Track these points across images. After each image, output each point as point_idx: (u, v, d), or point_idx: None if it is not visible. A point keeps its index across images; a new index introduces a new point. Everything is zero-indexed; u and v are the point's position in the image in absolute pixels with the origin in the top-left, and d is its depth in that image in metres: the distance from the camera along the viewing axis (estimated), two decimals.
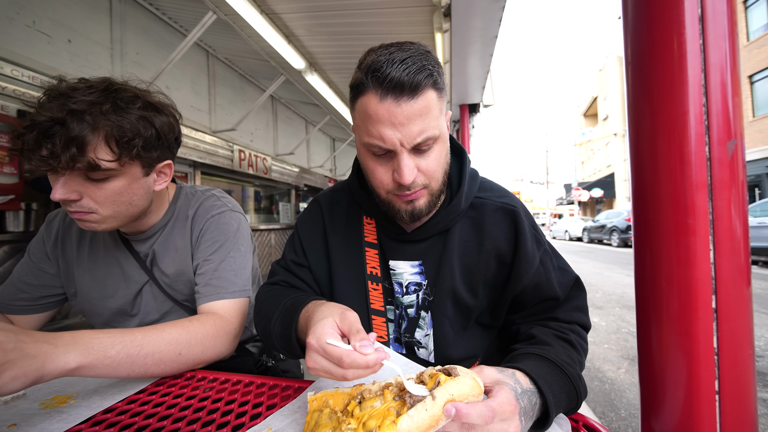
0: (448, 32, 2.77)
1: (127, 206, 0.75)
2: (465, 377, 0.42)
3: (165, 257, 0.87)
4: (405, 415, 0.38)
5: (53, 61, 2.67)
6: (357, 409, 0.43)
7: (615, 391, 2.23)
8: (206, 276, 0.82)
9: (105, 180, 0.70)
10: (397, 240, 0.74)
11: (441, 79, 0.59)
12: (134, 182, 0.75)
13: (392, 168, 0.59)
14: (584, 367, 0.64)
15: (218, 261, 0.84)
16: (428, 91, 0.55)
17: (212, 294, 0.80)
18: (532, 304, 0.71)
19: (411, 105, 0.54)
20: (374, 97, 0.55)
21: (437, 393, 0.40)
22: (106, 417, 0.55)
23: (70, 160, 0.63)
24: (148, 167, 0.77)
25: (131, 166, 0.73)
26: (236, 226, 0.89)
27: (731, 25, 0.49)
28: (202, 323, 0.73)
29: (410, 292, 0.74)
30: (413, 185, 0.60)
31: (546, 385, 0.49)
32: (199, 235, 0.87)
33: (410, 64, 0.54)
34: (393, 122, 0.55)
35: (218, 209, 0.89)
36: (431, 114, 0.56)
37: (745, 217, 0.50)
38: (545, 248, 0.71)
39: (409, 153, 0.58)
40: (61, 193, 0.67)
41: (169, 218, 0.89)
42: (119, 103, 0.69)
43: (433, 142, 0.59)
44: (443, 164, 0.64)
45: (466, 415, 0.38)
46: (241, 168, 4.69)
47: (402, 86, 0.53)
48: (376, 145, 0.58)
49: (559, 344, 0.62)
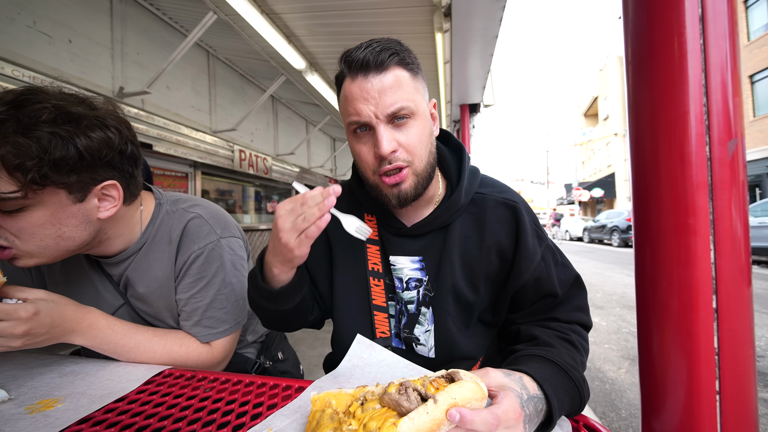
0: (449, 32, 2.77)
1: (55, 240, 0.64)
2: (468, 381, 0.42)
3: (140, 284, 0.80)
4: (406, 418, 0.38)
5: (54, 62, 2.67)
6: (359, 411, 0.43)
7: (615, 391, 2.23)
8: (196, 315, 0.80)
9: (19, 211, 0.60)
10: (397, 235, 0.75)
11: (412, 62, 0.64)
12: (60, 211, 0.63)
13: (373, 144, 0.63)
14: (586, 367, 0.64)
15: (207, 300, 0.80)
16: (396, 68, 0.61)
17: (204, 335, 0.81)
18: (532, 301, 0.71)
19: (380, 79, 0.60)
20: (348, 80, 0.62)
21: (439, 397, 0.39)
22: (106, 417, 0.55)
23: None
24: (79, 192, 0.64)
25: (48, 194, 0.61)
26: (227, 255, 0.83)
27: (732, 24, 0.48)
28: (188, 351, 0.78)
29: (410, 288, 0.74)
30: (394, 158, 0.62)
31: (551, 389, 0.49)
32: (184, 266, 0.80)
33: (375, 47, 0.61)
34: (365, 96, 0.60)
35: (207, 239, 0.80)
36: (403, 88, 0.61)
37: (746, 217, 0.49)
38: (547, 244, 0.71)
39: (386, 125, 0.61)
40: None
41: (144, 241, 0.80)
42: (24, 120, 0.57)
43: (409, 116, 0.62)
44: (426, 143, 0.66)
45: (471, 421, 0.38)
46: (242, 168, 4.69)
47: (368, 63, 0.60)
48: (354, 122, 0.62)
49: (562, 345, 0.62)
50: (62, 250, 0.67)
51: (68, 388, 0.63)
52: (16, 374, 0.68)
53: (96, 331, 0.69)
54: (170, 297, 0.81)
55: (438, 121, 0.72)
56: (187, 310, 0.80)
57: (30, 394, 0.60)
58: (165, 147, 3.48)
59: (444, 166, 0.76)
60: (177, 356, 0.76)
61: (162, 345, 0.76)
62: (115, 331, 0.71)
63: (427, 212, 0.74)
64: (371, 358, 0.67)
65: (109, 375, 0.68)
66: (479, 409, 0.41)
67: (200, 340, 0.81)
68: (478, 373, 0.48)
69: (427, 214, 0.74)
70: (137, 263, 0.80)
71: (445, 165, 0.76)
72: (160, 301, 0.81)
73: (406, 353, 0.74)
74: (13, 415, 0.54)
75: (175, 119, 3.70)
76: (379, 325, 0.74)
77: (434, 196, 0.74)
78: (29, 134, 0.57)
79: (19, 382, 0.64)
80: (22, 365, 0.72)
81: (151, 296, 0.81)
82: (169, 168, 3.85)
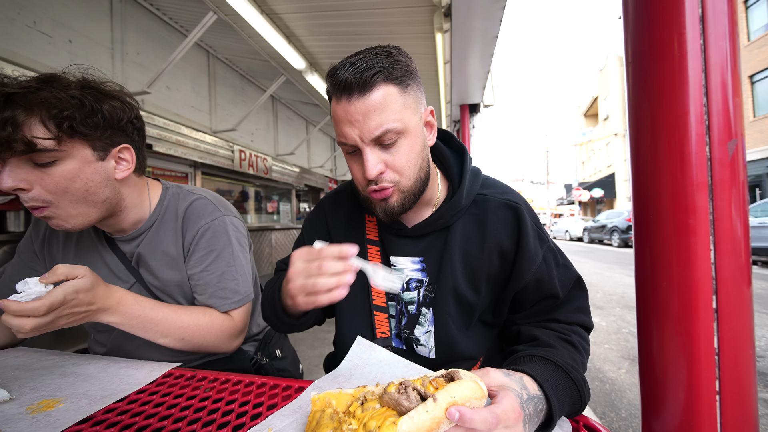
0: (449, 32, 2.77)
1: (84, 194, 0.71)
2: (467, 381, 0.42)
3: (152, 260, 0.85)
4: (405, 416, 0.38)
5: (54, 62, 2.67)
6: (359, 410, 0.42)
7: (615, 391, 2.23)
8: (209, 288, 0.84)
9: (51, 164, 0.67)
10: (398, 236, 0.75)
11: (402, 75, 0.60)
12: (86, 166, 0.71)
13: (362, 164, 0.62)
14: (587, 368, 0.64)
15: (218, 273, 0.85)
16: (381, 86, 0.58)
17: (222, 305, 0.85)
18: (533, 302, 0.71)
19: (363, 101, 0.57)
20: (335, 100, 0.60)
21: (439, 395, 0.39)
22: (106, 417, 0.55)
23: (5, 141, 0.62)
24: (101, 151, 0.73)
25: (77, 147, 0.69)
26: (232, 231, 0.89)
27: (732, 25, 0.48)
28: (212, 320, 0.82)
29: (411, 288, 0.74)
30: (380, 179, 0.62)
31: (551, 389, 0.49)
32: (193, 242, 0.85)
33: (358, 66, 0.57)
34: (350, 120, 0.58)
35: (212, 215, 0.87)
36: (389, 108, 0.58)
37: (746, 217, 0.49)
38: (548, 245, 0.71)
39: (372, 148, 0.60)
40: (9, 182, 0.65)
41: (155, 219, 0.86)
42: (55, 85, 0.67)
43: (396, 136, 0.60)
44: (415, 160, 0.64)
45: (470, 420, 0.38)
46: (242, 168, 4.69)
47: (350, 85, 0.57)
48: (342, 143, 0.62)
49: (563, 346, 0.62)
50: (94, 207, 0.74)
51: (69, 389, 0.63)
52: (17, 375, 0.68)
53: (125, 308, 0.71)
54: (180, 272, 0.86)
55: (435, 128, 0.71)
56: (201, 284, 0.84)
57: (31, 395, 0.60)
58: (165, 147, 3.48)
59: (445, 167, 0.76)
60: (204, 324, 0.80)
61: (188, 315, 0.79)
62: (143, 306, 0.74)
63: (428, 213, 0.74)
64: (371, 359, 0.67)
65: (110, 377, 0.68)
66: (479, 408, 0.40)
67: (219, 310, 0.85)
68: (478, 373, 0.48)
69: (427, 215, 0.74)
70: (149, 239, 0.85)
71: (447, 166, 0.75)
72: (170, 273, 0.85)
73: (406, 354, 0.74)
74: (14, 415, 0.54)
75: (175, 119, 3.70)
76: (380, 326, 0.74)
77: (434, 198, 0.74)
78: (60, 94, 0.66)
79: (21, 382, 0.65)
80: (24, 366, 0.72)
81: (162, 270, 0.85)
82: (169, 168, 3.85)
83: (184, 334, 0.78)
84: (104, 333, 0.89)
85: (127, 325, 0.72)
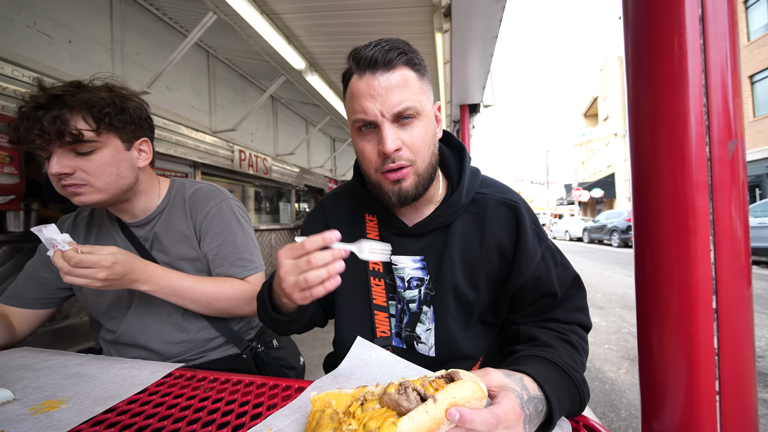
0: (449, 32, 2.77)
1: (116, 178, 0.85)
2: (468, 381, 0.42)
3: (166, 238, 0.95)
4: (405, 417, 0.38)
5: (54, 62, 2.67)
6: (359, 411, 0.42)
7: (615, 391, 2.23)
8: (228, 259, 0.96)
9: (92, 152, 0.81)
10: (398, 235, 0.75)
11: (419, 63, 0.65)
12: (118, 154, 0.85)
13: (378, 142, 0.63)
14: (586, 368, 0.64)
15: (233, 246, 0.96)
16: (403, 68, 0.62)
17: (240, 273, 0.96)
18: (531, 301, 0.71)
19: (387, 77, 0.60)
20: (356, 77, 0.63)
21: (439, 396, 0.39)
22: (106, 417, 0.55)
23: (57, 133, 0.75)
24: (128, 142, 0.87)
25: (111, 138, 0.83)
26: (238, 211, 1.01)
27: (732, 25, 0.48)
28: (233, 286, 0.93)
29: (412, 287, 0.75)
30: (397, 157, 0.63)
31: (551, 389, 0.50)
32: (205, 221, 0.96)
33: (383, 45, 0.61)
34: (372, 94, 0.60)
35: (219, 198, 0.99)
36: (409, 88, 0.62)
37: (746, 218, 0.49)
38: (547, 244, 0.71)
39: (391, 123, 0.62)
40: (57, 168, 0.77)
41: (166, 204, 0.98)
42: (87, 88, 0.82)
43: (414, 116, 0.63)
44: (429, 144, 0.66)
45: (470, 420, 0.38)
46: (242, 168, 4.69)
47: (376, 61, 0.60)
48: (360, 119, 0.63)
49: (562, 346, 0.62)
50: (119, 188, 0.87)
51: (72, 390, 0.63)
52: (21, 375, 0.68)
53: (156, 279, 0.83)
54: (194, 249, 0.96)
55: (442, 123, 0.73)
56: (220, 257, 0.95)
57: (35, 395, 0.61)
58: (165, 147, 3.48)
59: (445, 166, 0.77)
60: (226, 290, 0.91)
61: (212, 283, 0.90)
62: (171, 277, 0.85)
63: (428, 212, 0.74)
64: (371, 359, 0.67)
65: (113, 377, 0.68)
66: (479, 408, 0.40)
67: (238, 277, 0.96)
68: (478, 374, 0.48)
69: (427, 213, 0.74)
70: (163, 221, 0.97)
71: (447, 165, 0.76)
72: (183, 249, 0.95)
73: (406, 352, 0.74)
74: (18, 415, 0.54)
75: (174, 119, 3.69)
76: (380, 325, 0.74)
77: (435, 196, 0.75)
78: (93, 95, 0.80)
79: (25, 382, 0.65)
80: (28, 366, 0.72)
81: (176, 247, 0.95)
82: (169, 168, 3.85)
83: (210, 299, 0.89)
84: (115, 320, 0.94)
85: (160, 292, 0.84)
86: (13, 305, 0.90)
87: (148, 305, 0.93)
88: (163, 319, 0.93)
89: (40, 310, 0.93)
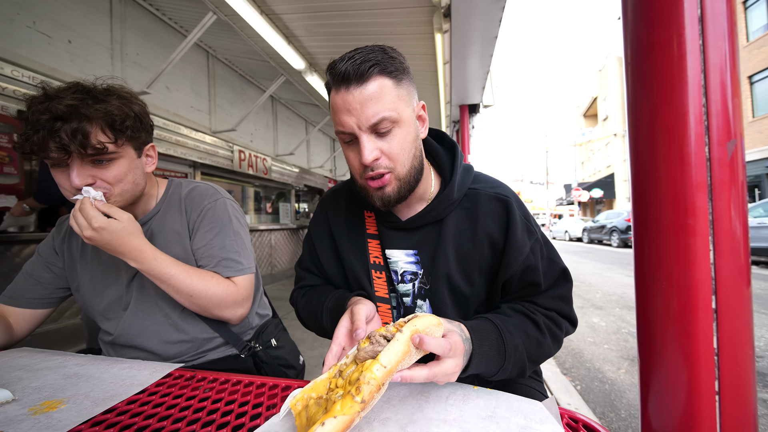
0: (448, 33, 2.78)
1: (132, 185, 0.86)
2: (427, 315, 0.50)
3: (161, 236, 0.95)
4: (383, 350, 0.44)
5: (53, 62, 2.67)
6: (340, 381, 0.46)
7: (615, 391, 2.23)
8: (214, 259, 0.94)
9: (110, 162, 0.81)
10: (393, 228, 0.78)
11: (396, 69, 0.64)
12: (132, 162, 0.85)
13: (359, 152, 0.65)
14: (548, 350, 0.69)
15: (221, 246, 0.94)
16: (377, 78, 0.62)
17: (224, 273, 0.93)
18: (516, 288, 0.73)
19: (361, 91, 0.61)
20: (333, 91, 0.64)
21: (405, 328, 0.46)
22: (106, 417, 0.55)
23: (80, 147, 0.74)
24: (139, 150, 0.88)
25: (127, 149, 0.83)
26: (232, 211, 1.00)
27: (731, 25, 0.49)
28: (218, 284, 0.90)
29: (406, 281, 0.77)
30: (376, 166, 0.65)
31: (477, 338, 0.58)
32: (198, 219, 0.95)
33: (356, 59, 0.62)
34: (348, 108, 0.62)
35: (214, 197, 0.99)
36: (384, 98, 0.62)
37: (745, 218, 0.50)
38: (536, 237, 0.73)
39: (369, 135, 0.63)
40: (78, 181, 0.77)
41: (162, 204, 0.98)
42: (98, 96, 0.79)
43: (391, 125, 0.63)
44: (409, 148, 0.67)
45: (428, 344, 0.46)
46: (241, 168, 4.69)
47: (349, 76, 0.61)
48: (340, 132, 0.65)
49: (518, 317, 0.67)
50: (134, 195, 0.88)
51: (72, 390, 0.62)
52: (20, 375, 0.67)
53: (144, 259, 0.82)
54: (184, 249, 0.95)
55: (426, 122, 0.74)
56: (206, 256, 0.94)
57: (34, 396, 0.60)
58: (164, 147, 3.48)
59: (438, 163, 0.79)
60: (211, 285, 0.88)
61: (198, 276, 0.88)
62: (159, 261, 0.83)
63: (421, 208, 0.76)
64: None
65: (113, 378, 0.67)
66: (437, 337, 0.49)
67: (223, 275, 0.93)
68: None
69: (420, 209, 0.76)
70: (159, 220, 0.97)
71: (439, 162, 0.78)
72: (175, 249, 0.94)
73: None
74: (17, 416, 0.54)
75: (174, 119, 3.70)
76: (383, 316, 0.76)
77: (426, 193, 0.77)
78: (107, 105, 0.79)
79: (24, 383, 0.64)
80: (27, 366, 0.72)
81: (169, 247, 0.93)
82: (169, 168, 3.85)
83: (192, 293, 0.86)
84: (112, 321, 0.93)
85: (148, 273, 0.83)
86: (11, 305, 0.89)
87: (145, 306, 0.92)
88: (161, 320, 0.92)
89: (39, 310, 0.92)
